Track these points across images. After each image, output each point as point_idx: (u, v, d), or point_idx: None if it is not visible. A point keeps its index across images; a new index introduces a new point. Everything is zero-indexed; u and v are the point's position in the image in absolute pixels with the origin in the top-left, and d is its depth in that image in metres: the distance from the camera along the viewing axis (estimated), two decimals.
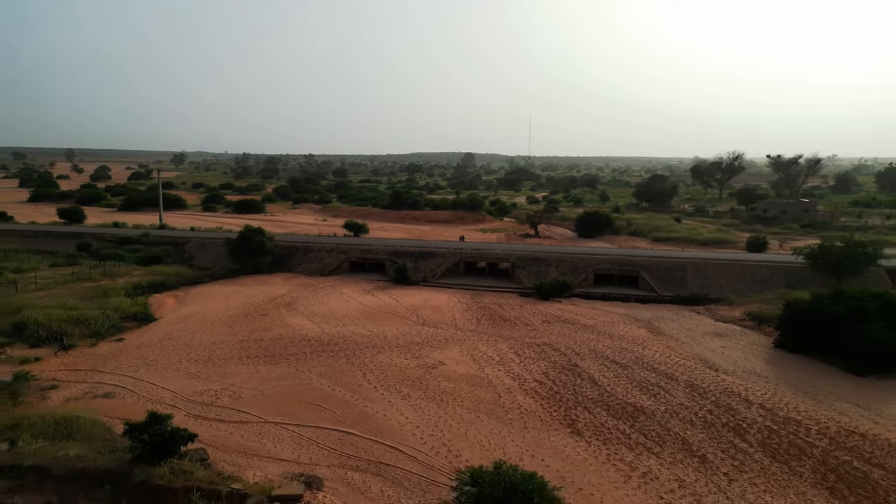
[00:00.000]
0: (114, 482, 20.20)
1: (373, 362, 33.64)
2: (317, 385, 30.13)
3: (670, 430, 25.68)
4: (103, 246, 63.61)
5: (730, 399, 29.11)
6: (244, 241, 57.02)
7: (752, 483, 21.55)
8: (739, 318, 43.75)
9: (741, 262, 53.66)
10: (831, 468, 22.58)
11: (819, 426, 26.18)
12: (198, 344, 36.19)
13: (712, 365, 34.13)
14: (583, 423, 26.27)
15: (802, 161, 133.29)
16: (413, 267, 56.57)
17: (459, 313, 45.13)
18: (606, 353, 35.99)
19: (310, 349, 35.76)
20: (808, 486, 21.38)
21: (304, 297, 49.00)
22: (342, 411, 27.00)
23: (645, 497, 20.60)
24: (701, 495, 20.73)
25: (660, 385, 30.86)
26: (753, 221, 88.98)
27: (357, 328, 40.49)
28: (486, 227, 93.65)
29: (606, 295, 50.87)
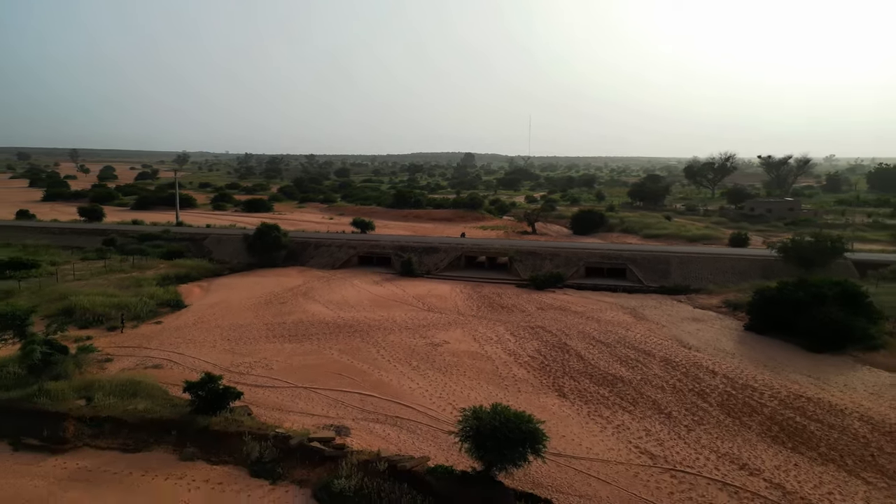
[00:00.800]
0: (178, 429, 24.45)
1: (385, 341, 37.91)
2: (337, 358, 34.40)
3: (643, 394, 29.95)
4: (126, 242, 67.84)
5: (698, 371, 33.39)
6: (261, 237, 61.30)
7: (708, 432, 25.82)
8: (716, 306, 48.03)
9: (722, 256, 57.97)
10: (776, 422, 26.84)
11: (772, 391, 30.45)
12: (228, 326, 40.46)
13: (686, 344, 38.40)
14: (568, 389, 30.55)
15: (792, 161, 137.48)
16: (418, 261, 60.80)
17: (461, 301, 49.39)
18: (593, 334, 40.27)
19: (328, 330, 40.03)
20: (754, 435, 25.63)
21: (319, 287, 53.27)
22: (361, 379, 31.28)
23: (616, 442, 24.87)
24: (663, 440, 25.00)
25: (638, 360, 35.12)
26: (740, 219, 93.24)
27: (369, 314, 44.77)
28: (485, 224, 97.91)
29: (596, 286, 55.11)
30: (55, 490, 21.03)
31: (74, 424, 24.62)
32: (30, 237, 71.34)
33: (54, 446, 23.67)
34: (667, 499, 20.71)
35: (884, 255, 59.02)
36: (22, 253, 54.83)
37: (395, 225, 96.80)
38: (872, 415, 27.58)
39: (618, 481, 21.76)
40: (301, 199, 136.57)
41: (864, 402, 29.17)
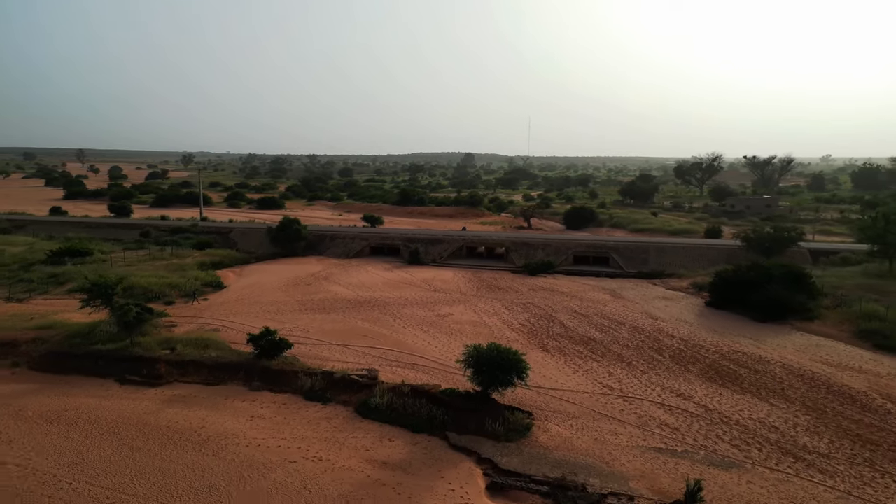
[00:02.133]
0: (245, 369, 31.58)
1: (399, 313, 45.03)
2: (361, 325, 41.51)
3: (611, 350, 37.07)
4: (160, 234, 74.93)
5: (659, 335, 40.50)
6: (283, 229, 68.41)
7: (658, 374, 32.93)
8: (685, 287, 55.12)
9: (694, 246, 65.11)
10: (713, 368, 33.95)
11: (716, 348, 37.57)
12: (265, 302, 47.56)
13: (654, 316, 45.50)
14: (551, 346, 37.67)
15: (776, 161, 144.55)
16: (424, 251, 67.88)
17: (463, 284, 56.50)
18: (575, 308, 47.40)
19: (350, 305, 47.14)
20: (694, 376, 32.74)
21: (337, 273, 60.37)
22: (382, 339, 38.38)
23: (585, 380, 31.98)
24: (622, 379, 32.12)
25: (610, 327, 42.24)
26: (721, 215, 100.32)
27: (383, 293, 51.88)
28: (484, 220, 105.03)
29: (583, 272, 62.20)
30: (160, 408, 28.13)
31: (165, 366, 31.77)
32: (70, 231, 78.42)
33: (152, 381, 30.80)
34: (618, 413, 27.82)
35: (837, 245, 66.13)
36: (72, 243, 61.77)
37: (401, 221, 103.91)
38: (792, 364, 34.70)
39: (582, 403, 28.88)
40: (310, 198, 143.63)
41: (789, 356, 36.29)
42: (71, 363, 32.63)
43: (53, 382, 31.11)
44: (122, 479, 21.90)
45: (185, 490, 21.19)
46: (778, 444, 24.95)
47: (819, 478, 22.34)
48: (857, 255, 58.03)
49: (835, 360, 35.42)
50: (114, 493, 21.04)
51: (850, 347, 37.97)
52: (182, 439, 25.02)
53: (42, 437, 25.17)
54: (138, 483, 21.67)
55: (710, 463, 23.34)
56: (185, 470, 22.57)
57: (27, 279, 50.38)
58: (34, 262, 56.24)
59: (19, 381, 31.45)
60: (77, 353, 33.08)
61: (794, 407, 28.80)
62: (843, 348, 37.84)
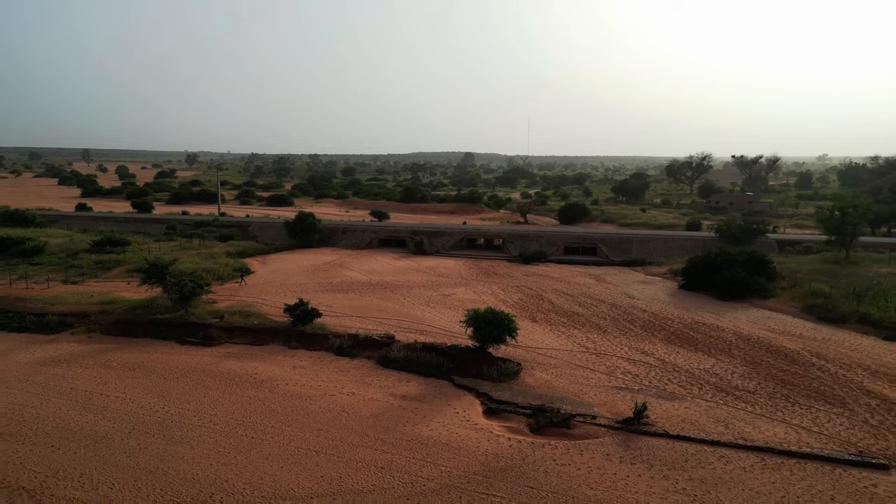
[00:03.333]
0: (283, 333, 37.98)
1: (408, 293, 51.44)
2: (376, 303, 47.91)
3: (590, 321, 43.48)
4: (184, 228, 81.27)
5: (633, 310, 46.90)
6: (300, 222, 74.80)
7: (627, 338, 39.32)
8: (663, 273, 61.53)
9: (673, 237, 71.48)
10: (675, 334, 40.34)
11: (680, 320, 43.97)
12: (290, 284, 53.93)
13: (631, 296, 51.91)
14: (539, 318, 44.08)
15: (763, 161, 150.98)
16: (428, 242, 74.25)
17: (464, 271, 62.90)
18: (563, 290, 53.81)
19: (365, 287, 53.53)
20: (658, 340, 39.13)
21: (350, 261, 66.78)
22: (395, 312, 44.76)
23: (566, 342, 38.38)
24: (596, 341, 38.53)
25: (592, 304, 48.66)
26: (706, 211, 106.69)
27: (393, 278, 58.27)
28: (484, 216, 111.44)
29: (572, 260, 68.60)
30: (218, 361, 34.53)
31: (216, 331, 38.18)
32: (101, 225, 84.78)
33: (207, 342, 37.20)
34: (591, 365, 34.22)
35: (802, 236, 72.52)
36: (111, 235, 68.10)
37: (405, 216, 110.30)
38: (742, 331, 41.10)
39: (562, 358, 35.29)
40: (316, 196, 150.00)
41: (742, 325, 42.71)
42: (137, 329, 39.05)
43: (125, 343, 37.54)
44: (201, 406, 28.31)
45: (252, 412, 27.59)
46: (715, 385, 31.37)
47: (742, 405, 28.76)
48: (818, 245, 64.39)
49: (780, 329, 41.86)
50: (198, 415, 27.43)
51: (797, 319, 44.41)
52: (241, 381, 31.44)
53: (130, 379, 31.60)
54: (215, 409, 28.06)
55: (659, 396, 29.75)
56: (249, 400, 28.98)
57: (77, 265, 56.74)
58: (78, 251, 62.58)
59: (97, 342, 37.89)
60: (141, 321, 39.51)
61: (736, 361, 35.21)
62: (791, 320, 44.27)
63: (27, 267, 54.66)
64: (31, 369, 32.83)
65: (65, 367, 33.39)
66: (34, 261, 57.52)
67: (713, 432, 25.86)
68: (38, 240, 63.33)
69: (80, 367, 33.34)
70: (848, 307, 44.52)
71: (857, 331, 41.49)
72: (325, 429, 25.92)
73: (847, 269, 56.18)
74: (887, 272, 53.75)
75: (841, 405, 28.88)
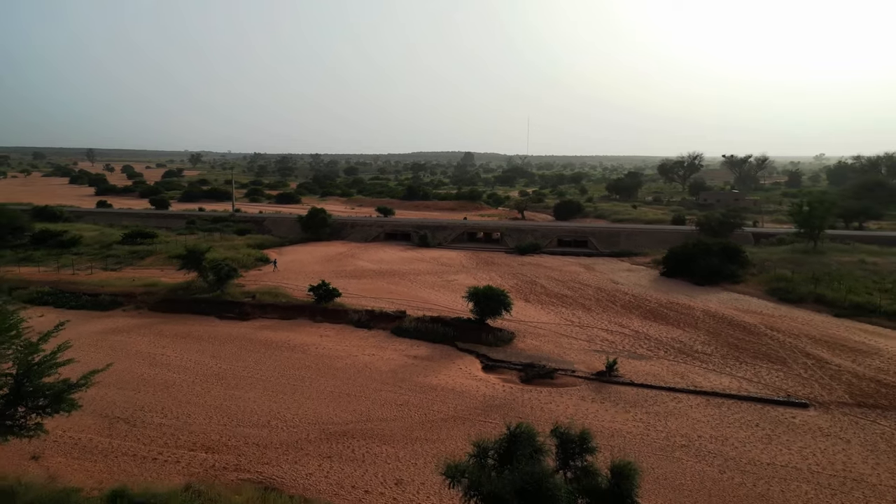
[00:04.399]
0: (309, 309, 43.64)
1: (415, 279, 57.11)
2: (386, 287, 53.57)
3: (577, 301, 49.16)
4: (203, 223, 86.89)
5: (616, 293, 52.58)
6: (312, 217, 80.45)
7: (608, 315, 45.00)
8: (647, 262, 67.19)
9: (659, 231, 77.15)
10: (651, 311, 46.00)
11: (657, 300, 49.64)
12: (307, 272, 59.56)
13: (616, 282, 57.59)
14: (532, 299, 49.76)
15: (753, 160, 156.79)
16: (431, 235, 79.88)
17: (464, 260, 68.58)
18: (554, 277, 59.49)
19: (375, 274, 59.20)
20: (635, 316, 44.80)
21: (360, 252, 72.46)
22: (404, 294, 50.42)
23: (554, 317, 44.05)
24: (581, 318, 44.20)
25: (580, 288, 54.34)
26: (694, 208, 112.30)
27: (400, 266, 63.93)
28: (483, 213, 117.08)
29: (565, 252, 74.27)
30: (255, 331, 40.18)
31: (250, 307, 43.86)
32: (123, 220, 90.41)
33: (243, 317, 42.86)
34: (574, 335, 39.88)
35: (777, 229, 78.20)
36: (140, 228, 73.69)
37: (408, 213, 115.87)
38: (711, 309, 46.75)
39: (550, 329, 40.96)
40: (322, 194, 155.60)
41: (711, 305, 48.37)
42: (179, 306, 44.72)
43: (171, 318, 43.21)
44: (247, 364, 33.96)
45: (290, 368, 33.25)
46: (678, 349, 37.06)
47: (698, 364, 34.46)
48: (790, 237, 70.04)
49: (743, 307, 47.56)
50: (246, 370, 33.08)
51: (760, 300, 50.11)
52: (277, 346, 37.11)
53: (183, 344, 37.28)
54: (259, 366, 33.72)
55: (630, 357, 35.43)
56: (286, 360, 34.65)
57: (113, 255, 62.37)
58: (110, 242, 68.21)
59: (147, 317, 43.57)
60: (184, 300, 45.19)
61: (699, 332, 40.90)
62: (755, 301, 49.97)
63: (69, 256, 60.29)
64: (98, 337, 38.51)
65: (125, 335, 39.07)
66: (73, 251, 63.14)
67: (670, 381, 31.57)
68: (73, 232, 68.94)
69: (138, 336, 39.02)
70: (806, 289, 50.23)
71: (812, 309, 47.16)
72: (352, 379, 31.60)
73: (813, 257, 61.84)
74: (847, 260, 59.42)
75: (781, 363, 34.59)
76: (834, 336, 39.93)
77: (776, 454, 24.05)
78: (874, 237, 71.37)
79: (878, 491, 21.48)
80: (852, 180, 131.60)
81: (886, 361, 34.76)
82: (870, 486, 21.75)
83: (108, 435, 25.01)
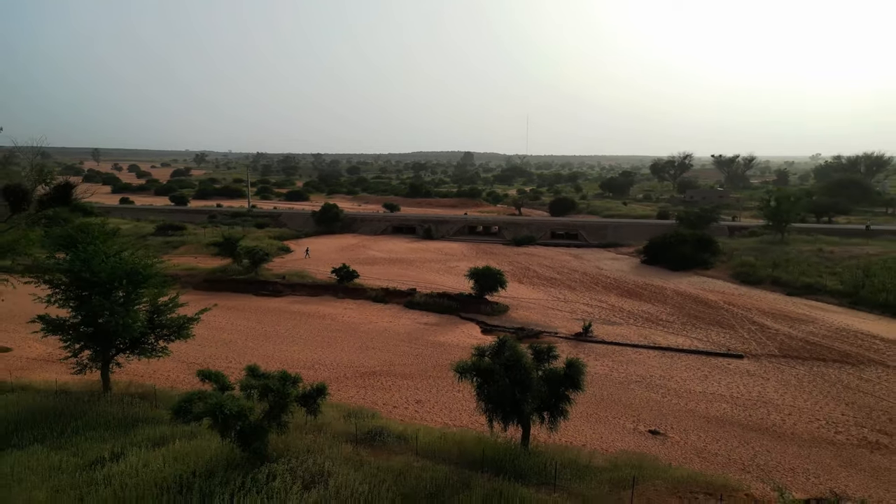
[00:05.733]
0: (332, 287, 50.71)
1: (422, 265, 64.20)
2: (397, 271, 60.64)
3: (564, 283, 56.26)
4: (223, 218, 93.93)
5: (599, 276, 59.67)
6: (325, 212, 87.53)
7: (590, 293, 52.11)
8: (630, 252, 74.29)
9: (643, 224, 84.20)
10: (628, 290, 53.09)
11: (634, 282, 56.74)
12: (325, 259, 66.60)
13: (600, 268, 64.69)
14: (525, 281, 56.84)
15: (740, 159, 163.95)
16: (435, 229, 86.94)
17: (465, 251, 75.67)
18: (546, 264, 66.60)
19: (386, 261, 66.27)
20: (613, 294, 51.90)
21: (370, 243, 79.52)
22: (413, 278, 57.49)
23: (543, 295, 51.14)
24: (566, 295, 51.30)
25: (568, 273, 61.43)
26: (680, 204, 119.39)
27: (408, 255, 71.01)
28: (483, 210, 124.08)
29: (557, 243, 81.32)
30: (288, 305, 47.24)
31: (281, 286, 50.92)
32: (150, 216, 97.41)
33: (275, 294, 49.93)
34: (559, 308, 46.95)
35: (751, 223, 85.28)
36: (170, 221, 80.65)
37: (412, 210, 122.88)
38: (680, 289, 53.83)
39: (538, 303, 48.03)
40: (328, 192, 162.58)
41: (681, 286, 55.47)
42: (220, 285, 51.78)
43: (214, 294, 50.19)
44: (287, 328, 40.98)
45: (323, 331, 40.31)
46: (646, 318, 44.16)
47: (660, 329, 41.53)
48: (761, 230, 77.14)
49: (709, 288, 54.68)
50: (286, 331, 40.10)
51: (725, 282, 57.22)
52: (308, 315, 44.17)
53: (230, 314, 44.33)
54: (297, 329, 40.75)
55: (605, 323, 42.49)
56: (318, 325, 41.71)
57: (149, 245, 69.34)
58: (145, 234, 75.23)
59: (192, 294, 50.36)
60: (223, 279, 52.27)
61: (667, 306, 48.00)
62: (720, 283, 57.09)
63: None
64: None
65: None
66: None
67: (635, 340, 38.68)
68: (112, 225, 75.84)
69: (188, 308, 45.96)
70: (765, 273, 57.40)
71: (768, 289, 54.30)
72: (375, 338, 38.70)
73: (778, 247, 68.90)
74: (807, 249, 66.47)
75: (730, 328, 41.70)
76: (780, 309, 47.06)
77: (708, 386, 31.17)
78: (838, 230, 78.46)
79: (778, 407, 28.58)
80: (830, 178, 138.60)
81: (818, 327, 41.91)
82: (774, 406, 28.85)
83: (189, 374, 32.06)
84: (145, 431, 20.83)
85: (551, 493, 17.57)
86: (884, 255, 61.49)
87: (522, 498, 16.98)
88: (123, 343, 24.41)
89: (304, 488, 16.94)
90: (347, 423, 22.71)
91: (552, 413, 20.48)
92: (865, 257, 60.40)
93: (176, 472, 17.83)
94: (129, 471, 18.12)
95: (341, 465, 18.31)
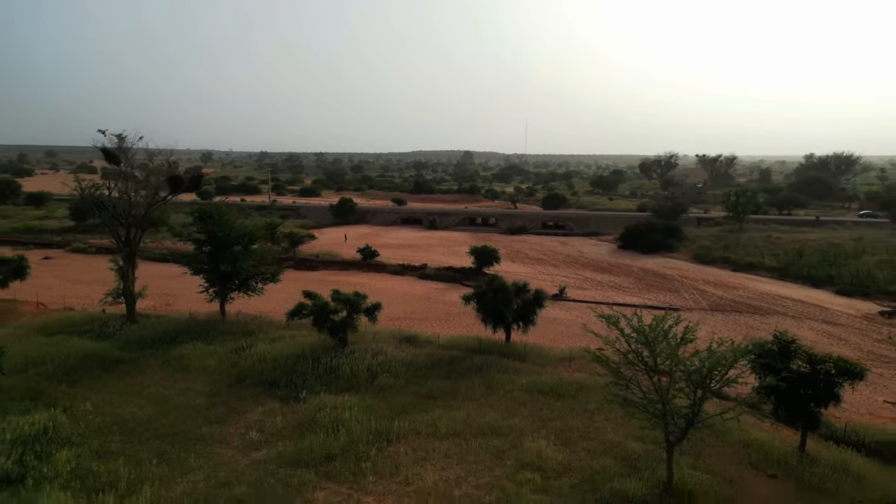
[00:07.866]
0: (357, 264, 61.85)
1: (429, 249, 75.38)
2: (409, 253, 71.75)
3: (550, 262, 67.44)
4: (248, 211, 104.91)
5: (580, 258, 70.85)
6: (341, 205, 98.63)
7: (569, 269, 63.29)
8: (610, 240, 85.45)
9: (623, 216, 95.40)
10: (601, 268, 64.25)
11: (608, 262, 67.89)
12: (347, 244, 77.75)
13: (582, 252, 75.89)
14: (516, 261, 68.01)
15: (723, 159, 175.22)
16: (439, 220, 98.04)
17: (466, 238, 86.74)
18: (535, 248, 77.80)
19: (398, 246, 77.42)
20: (588, 270, 63.09)
21: (383, 232, 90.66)
22: (423, 258, 68.57)
23: (531, 271, 62.30)
24: (550, 270, 62.47)
25: (553, 255, 72.61)
26: (663, 200, 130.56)
27: (416, 241, 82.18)
28: (481, 205, 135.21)
29: (547, 233, 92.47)
30: (324, 276, 58.35)
31: (315, 262, 62.05)
32: (178, 209, 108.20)
33: (312, 268, 61.06)
34: (543, 279, 58.07)
35: (717, 214, 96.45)
36: None
37: (417, 204, 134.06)
38: (646, 267, 64.97)
39: (526, 276, 58.86)
40: (337, 189, 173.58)
41: (647, 265, 66.61)
42: None
43: None
44: (327, 290, 52.07)
45: None
46: (612, 286, 55.32)
47: (621, 293, 52.70)
48: (724, 220, 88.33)
49: (670, 266, 65.87)
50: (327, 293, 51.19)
51: (684, 262, 68.45)
52: (341, 284, 54.94)
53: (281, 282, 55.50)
54: None
55: (577, 289, 53.64)
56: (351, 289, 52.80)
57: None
58: (185, 223, 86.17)
59: None
60: None
61: (630, 278, 59.17)
62: (680, 262, 68.30)
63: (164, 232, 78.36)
64: None
65: None
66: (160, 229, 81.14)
67: (598, 299, 49.85)
68: None
69: None
70: (717, 254, 68.63)
71: (719, 267, 65.52)
72: (398, 299, 49.83)
73: (735, 235, 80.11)
74: (759, 235, 77.66)
75: (676, 292, 52.88)
76: (721, 280, 58.29)
77: None
78: (792, 220, 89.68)
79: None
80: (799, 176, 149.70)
81: (746, 292, 53.11)
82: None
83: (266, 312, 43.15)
84: (262, 335, 32.05)
85: (523, 363, 28.78)
86: (822, 240, 72.71)
87: (503, 364, 28.23)
88: (234, 284, 35.50)
89: (371, 356, 28.21)
90: (392, 332, 33.92)
91: (525, 322, 31.70)
92: (805, 242, 71.64)
93: (292, 351, 29.12)
94: (260, 352, 29.42)
95: (393, 349, 29.56)
